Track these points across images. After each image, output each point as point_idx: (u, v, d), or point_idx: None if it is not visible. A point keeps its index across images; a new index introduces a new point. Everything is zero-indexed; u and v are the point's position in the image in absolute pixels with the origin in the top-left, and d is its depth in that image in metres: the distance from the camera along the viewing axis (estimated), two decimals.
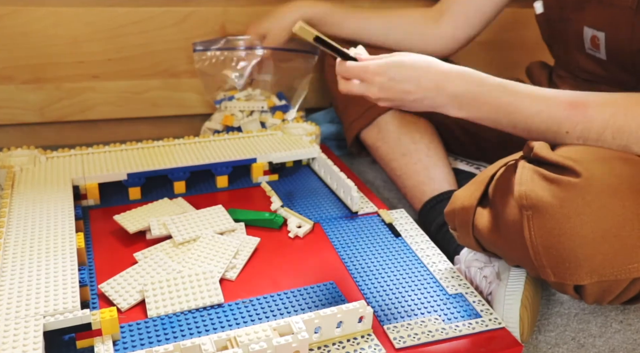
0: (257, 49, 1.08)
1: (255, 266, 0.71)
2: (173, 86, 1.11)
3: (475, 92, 0.66)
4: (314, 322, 0.54)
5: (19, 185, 0.79)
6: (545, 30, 0.87)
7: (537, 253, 0.55)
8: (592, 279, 0.54)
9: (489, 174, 0.64)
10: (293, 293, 0.65)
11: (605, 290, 0.56)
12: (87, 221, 0.79)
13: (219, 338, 0.52)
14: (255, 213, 0.80)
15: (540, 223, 0.54)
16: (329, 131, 1.14)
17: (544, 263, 0.55)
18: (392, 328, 0.60)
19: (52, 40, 1.01)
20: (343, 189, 0.85)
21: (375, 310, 0.63)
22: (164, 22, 1.05)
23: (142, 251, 0.71)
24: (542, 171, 0.55)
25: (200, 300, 0.63)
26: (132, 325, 0.60)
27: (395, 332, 0.59)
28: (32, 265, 0.63)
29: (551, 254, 0.54)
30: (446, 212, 0.68)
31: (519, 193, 0.55)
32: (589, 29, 0.75)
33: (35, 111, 1.05)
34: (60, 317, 0.55)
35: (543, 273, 0.57)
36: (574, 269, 0.54)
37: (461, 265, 0.74)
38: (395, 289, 0.67)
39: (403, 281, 0.68)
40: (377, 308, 0.64)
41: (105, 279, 0.66)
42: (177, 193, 0.87)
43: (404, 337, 0.59)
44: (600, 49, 0.75)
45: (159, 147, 0.91)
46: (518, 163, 0.59)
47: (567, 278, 0.55)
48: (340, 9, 0.96)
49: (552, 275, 0.56)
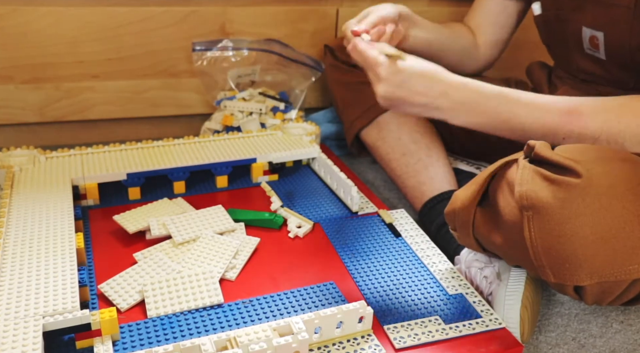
0: (258, 51, 1.08)
1: (255, 266, 0.71)
2: (173, 85, 1.11)
3: (475, 101, 0.68)
4: (314, 322, 0.54)
5: (19, 185, 0.79)
6: (543, 31, 0.87)
7: (537, 254, 0.55)
8: (592, 280, 0.54)
9: (488, 174, 0.63)
10: (293, 294, 0.65)
11: (605, 291, 0.56)
12: (87, 221, 0.79)
13: (219, 339, 0.52)
14: (255, 213, 0.80)
15: (540, 223, 0.54)
16: (329, 131, 1.13)
17: (544, 263, 0.55)
18: (392, 329, 0.60)
19: (51, 40, 1.00)
20: (343, 189, 0.85)
21: (376, 310, 0.63)
22: (164, 22, 1.05)
23: (142, 251, 0.71)
24: (543, 171, 0.55)
25: (200, 301, 0.62)
26: (132, 326, 0.60)
27: (395, 332, 0.59)
28: (31, 265, 0.63)
29: (551, 255, 0.54)
30: (446, 212, 0.67)
31: (520, 193, 0.55)
32: (588, 29, 0.75)
33: (35, 110, 1.05)
34: (60, 317, 0.55)
35: (543, 273, 0.56)
36: (574, 270, 0.54)
37: (461, 265, 0.74)
38: (396, 289, 0.67)
39: (403, 282, 0.68)
40: (377, 308, 0.63)
41: (104, 279, 0.66)
42: (176, 193, 0.87)
43: (404, 337, 0.59)
44: (599, 48, 0.75)
45: (159, 147, 0.91)
46: (519, 163, 0.59)
47: (567, 279, 0.55)
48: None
49: (552, 276, 0.56)
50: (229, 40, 1.08)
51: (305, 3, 1.12)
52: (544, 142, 0.59)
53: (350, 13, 1.15)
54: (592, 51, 0.77)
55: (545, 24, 0.86)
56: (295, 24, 1.12)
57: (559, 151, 0.58)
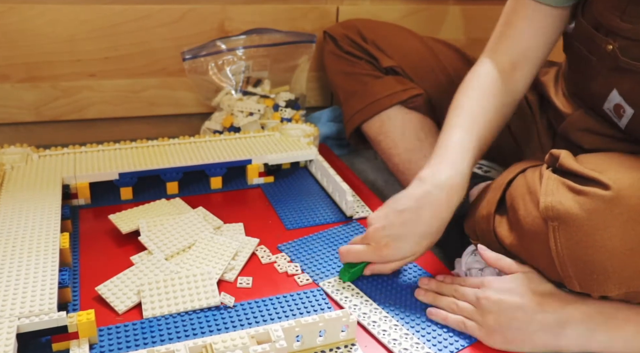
0: (249, 49, 1.06)
1: (248, 270, 0.69)
2: (171, 84, 1.10)
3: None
4: (295, 330, 0.52)
5: (9, 183, 0.78)
6: (569, 54, 0.76)
7: (563, 264, 0.55)
8: (620, 290, 0.53)
9: (505, 181, 0.63)
10: (278, 299, 0.63)
11: (631, 298, 0.55)
12: (77, 220, 0.78)
13: (195, 345, 0.50)
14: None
15: (567, 234, 0.54)
16: (329, 130, 1.11)
17: (570, 274, 0.55)
18: (394, 343, 0.57)
19: (48, 38, 1.00)
20: (338, 193, 0.83)
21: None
22: (162, 20, 1.04)
23: (140, 254, 0.70)
24: (568, 182, 0.55)
25: (197, 302, 0.61)
26: (111, 328, 0.58)
27: (397, 344, 0.57)
28: (12, 264, 0.62)
29: (578, 266, 0.54)
30: (466, 224, 0.67)
31: (545, 205, 0.55)
32: (619, 96, 0.66)
33: (31, 110, 1.04)
34: (36, 318, 0.53)
35: (569, 283, 0.56)
36: (602, 281, 0.53)
37: (462, 267, 0.73)
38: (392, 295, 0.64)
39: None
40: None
41: (90, 280, 0.64)
42: (169, 194, 0.85)
43: (407, 349, 0.57)
44: (621, 119, 0.67)
45: (153, 147, 0.90)
46: (542, 173, 0.59)
47: (594, 290, 0.54)
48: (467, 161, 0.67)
49: (579, 286, 0.55)
50: (217, 41, 1.06)
51: (305, 1, 1.11)
52: (567, 152, 0.59)
53: (351, 11, 1.13)
54: (611, 114, 0.69)
55: (571, 50, 0.74)
56: (295, 21, 1.11)
57: (582, 161, 0.57)
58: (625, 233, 0.52)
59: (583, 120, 0.74)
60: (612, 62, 0.64)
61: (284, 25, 1.10)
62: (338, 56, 0.99)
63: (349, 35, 0.98)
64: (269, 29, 1.08)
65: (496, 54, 0.74)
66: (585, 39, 0.69)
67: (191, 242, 0.72)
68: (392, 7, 1.16)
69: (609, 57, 0.64)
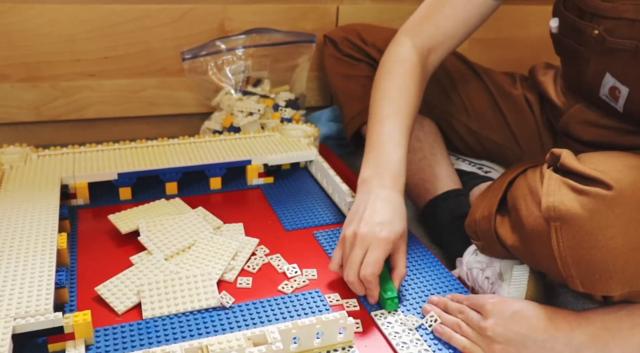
0: (249, 48, 1.06)
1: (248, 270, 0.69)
2: (171, 84, 1.09)
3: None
4: (291, 332, 0.52)
5: (7, 183, 0.78)
6: (559, 52, 0.79)
7: (565, 264, 0.55)
8: (622, 290, 0.53)
9: (506, 181, 0.63)
10: (276, 301, 0.63)
11: (633, 296, 0.55)
12: (75, 221, 0.77)
13: (191, 346, 0.50)
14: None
15: (569, 234, 0.54)
16: (330, 130, 1.11)
17: (573, 274, 0.55)
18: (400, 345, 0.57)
19: (47, 38, 1.00)
20: (338, 194, 0.83)
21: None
22: (161, 20, 1.04)
23: (139, 254, 0.70)
24: (570, 182, 0.55)
25: (197, 302, 0.61)
26: (108, 329, 0.58)
27: (397, 337, 0.57)
28: (9, 265, 0.61)
29: (581, 266, 0.54)
30: (467, 224, 0.68)
31: (547, 204, 0.55)
32: (612, 78, 0.68)
33: (31, 110, 1.04)
34: (32, 319, 0.53)
35: (572, 283, 0.56)
36: (604, 281, 0.53)
37: (463, 267, 0.73)
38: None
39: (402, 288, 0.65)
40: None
41: (88, 281, 0.64)
42: (169, 194, 0.85)
43: (406, 342, 0.57)
44: (618, 101, 0.69)
45: (152, 147, 0.90)
46: (544, 173, 0.59)
47: (596, 289, 0.54)
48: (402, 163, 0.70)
49: (581, 286, 0.55)
50: (217, 41, 1.06)
51: (305, 1, 1.10)
52: (569, 151, 0.59)
53: (351, 10, 1.12)
54: (608, 99, 0.71)
55: (562, 49, 0.77)
56: (295, 21, 1.11)
57: (584, 161, 0.57)
58: (627, 233, 0.51)
59: (581, 113, 0.76)
60: (600, 46, 0.66)
61: (284, 25, 1.10)
62: (338, 59, 0.99)
63: (349, 38, 0.98)
64: (269, 28, 1.08)
65: (417, 37, 0.76)
66: (572, 32, 0.71)
67: (191, 242, 0.71)
68: (392, 7, 1.16)
69: (596, 42, 0.67)
